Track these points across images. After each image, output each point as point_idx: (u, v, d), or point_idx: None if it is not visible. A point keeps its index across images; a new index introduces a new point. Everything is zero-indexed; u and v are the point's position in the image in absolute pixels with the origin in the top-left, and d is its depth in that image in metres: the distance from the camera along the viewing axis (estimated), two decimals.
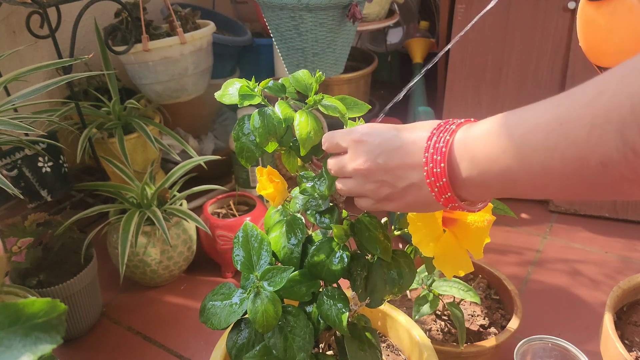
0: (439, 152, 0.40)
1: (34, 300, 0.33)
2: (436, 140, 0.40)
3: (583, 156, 0.32)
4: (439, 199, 0.41)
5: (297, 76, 0.56)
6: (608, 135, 0.30)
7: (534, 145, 0.35)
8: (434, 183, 0.41)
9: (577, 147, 0.32)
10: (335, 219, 0.55)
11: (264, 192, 0.57)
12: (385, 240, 0.55)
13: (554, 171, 0.34)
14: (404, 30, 2.06)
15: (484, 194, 0.41)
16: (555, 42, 1.35)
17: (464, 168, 0.39)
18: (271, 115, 0.53)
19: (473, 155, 0.39)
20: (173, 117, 1.51)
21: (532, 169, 0.35)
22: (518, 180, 0.36)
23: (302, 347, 0.53)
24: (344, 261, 0.54)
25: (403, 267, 0.57)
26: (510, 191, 0.38)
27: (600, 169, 0.31)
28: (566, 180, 0.34)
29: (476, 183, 0.39)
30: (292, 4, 1.05)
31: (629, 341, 0.84)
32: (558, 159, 0.33)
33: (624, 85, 0.30)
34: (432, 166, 0.40)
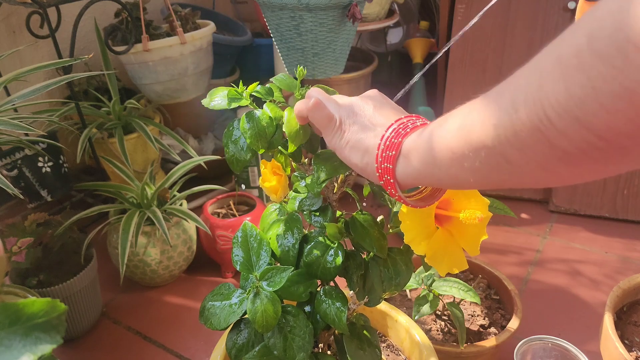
0: (399, 134, 0.43)
1: (34, 300, 0.33)
2: (405, 121, 0.44)
3: (483, 119, 0.34)
4: (379, 166, 0.44)
5: (279, 78, 0.56)
6: (502, 100, 0.33)
7: (465, 122, 0.37)
8: (382, 150, 0.43)
9: (485, 111, 0.34)
10: (329, 217, 0.55)
11: (267, 184, 0.57)
12: (381, 237, 0.55)
13: (466, 139, 0.36)
14: (404, 30, 2.06)
15: (415, 174, 0.42)
16: None
17: (407, 143, 0.42)
18: (260, 117, 0.53)
19: (417, 138, 0.42)
20: (173, 117, 1.51)
21: (450, 141, 0.37)
22: (438, 154, 0.38)
23: (301, 347, 0.53)
24: (339, 259, 0.54)
25: (400, 264, 0.57)
26: (434, 168, 0.40)
27: (492, 131, 0.33)
28: (473, 148, 0.35)
29: (412, 157, 0.42)
30: (292, 4, 1.05)
31: (629, 341, 0.84)
32: (469, 127, 0.35)
33: (534, 59, 0.32)
34: (390, 135, 0.43)
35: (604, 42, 0.26)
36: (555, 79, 0.29)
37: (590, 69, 0.27)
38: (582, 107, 0.27)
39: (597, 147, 0.28)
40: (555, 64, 0.29)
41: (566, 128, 0.29)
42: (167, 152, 1.24)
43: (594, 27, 0.27)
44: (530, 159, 0.32)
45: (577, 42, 0.28)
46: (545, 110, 0.29)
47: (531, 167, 0.33)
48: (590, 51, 0.27)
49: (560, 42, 0.30)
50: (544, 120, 0.30)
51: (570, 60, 0.28)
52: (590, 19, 0.27)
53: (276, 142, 0.54)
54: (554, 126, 0.29)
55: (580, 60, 0.27)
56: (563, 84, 0.28)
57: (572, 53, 0.28)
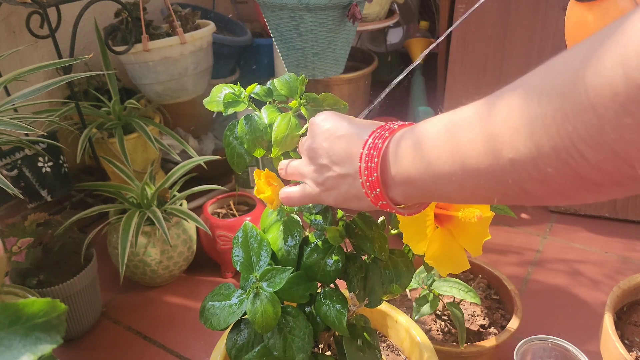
0: (375, 148, 0.41)
1: (34, 300, 0.33)
2: (376, 136, 0.42)
3: (494, 151, 0.32)
4: (369, 195, 0.43)
5: (283, 79, 0.56)
6: (517, 130, 0.30)
7: (456, 140, 0.35)
8: (366, 176, 0.42)
9: (490, 141, 0.32)
10: (329, 220, 0.55)
11: (262, 195, 0.56)
12: (382, 239, 0.55)
13: (471, 167, 0.34)
14: (404, 30, 2.06)
15: (410, 193, 0.42)
16: (555, 42, 1.35)
17: (392, 165, 0.41)
18: (258, 120, 0.53)
19: (402, 153, 0.40)
20: (173, 117, 1.51)
21: (452, 165, 0.35)
22: (440, 178, 0.37)
23: (301, 347, 0.53)
24: (338, 263, 0.54)
25: (400, 266, 0.57)
26: (434, 190, 0.39)
27: (509, 165, 0.31)
28: (482, 178, 0.34)
29: (402, 179, 0.40)
30: (292, 4, 1.05)
31: (629, 341, 0.84)
32: (474, 154, 0.33)
33: (538, 78, 0.30)
34: (367, 160, 0.42)
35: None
36: (583, 110, 0.27)
37: (628, 101, 0.25)
38: (620, 140, 0.26)
39: (633, 177, 0.27)
40: (583, 92, 0.27)
41: (601, 161, 0.27)
42: (167, 152, 1.24)
43: (628, 53, 0.25)
44: (554, 190, 0.31)
45: (607, 70, 0.25)
46: (576, 144, 0.27)
47: (553, 196, 0.32)
48: (627, 82, 0.25)
49: (581, 66, 0.27)
50: (574, 155, 0.28)
51: (603, 90, 0.26)
52: (619, 43, 0.25)
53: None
54: (587, 160, 0.27)
55: (614, 91, 0.25)
56: (594, 115, 0.26)
57: (604, 83, 0.26)
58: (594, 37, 0.27)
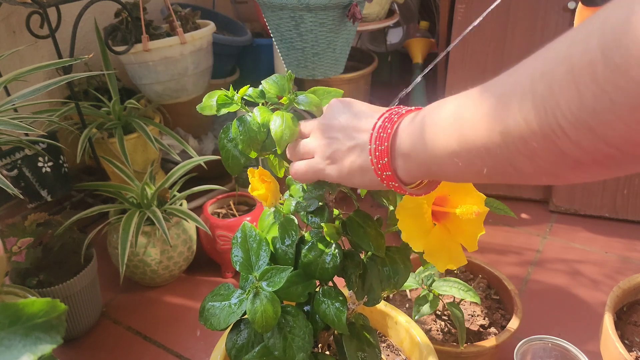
0: (390, 121, 0.43)
1: (34, 300, 0.33)
2: (393, 113, 0.44)
3: (489, 125, 0.34)
4: (375, 164, 0.44)
5: (271, 80, 0.56)
6: (509, 106, 0.32)
7: (459, 118, 0.36)
8: (376, 146, 0.44)
9: (486, 117, 0.34)
10: (326, 218, 0.55)
11: (255, 193, 0.57)
12: (379, 236, 0.55)
13: (467, 142, 0.35)
14: (404, 30, 2.06)
15: (413, 169, 0.43)
16: None
17: (400, 141, 0.43)
18: (251, 121, 0.53)
19: (408, 131, 0.42)
20: (173, 117, 1.51)
21: (448, 141, 0.37)
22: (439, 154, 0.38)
23: (301, 347, 0.53)
24: (336, 259, 0.54)
25: (398, 263, 0.57)
26: (435, 167, 0.40)
27: (499, 138, 0.33)
28: (476, 152, 0.35)
29: (404, 153, 0.42)
30: (292, 4, 1.05)
31: (629, 341, 0.84)
32: (471, 129, 0.35)
33: (533, 59, 0.32)
34: (380, 130, 0.43)
35: (619, 53, 0.25)
36: (567, 87, 0.28)
37: (606, 82, 0.26)
38: (597, 118, 0.27)
39: (611, 156, 0.28)
40: (568, 71, 0.28)
41: (580, 139, 0.28)
42: (167, 152, 1.24)
43: (607, 36, 0.26)
44: (540, 167, 0.32)
45: (590, 51, 0.26)
46: (558, 120, 0.29)
47: (539, 173, 0.33)
48: (605, 62, 0.26)
49: (570, 46, 0.28)
50: (557, 131, 0.29)
51: (584, 69, 0.27)
52: (602, 26, 0.26)
53: (268, 146, 0.54)
54: (568, 137, 0.29)
55: (594, 70, 0.26)
56: (576, 93, 0.27)
57: (586, 62, 0.27)
58: (590, 18, 0.28)
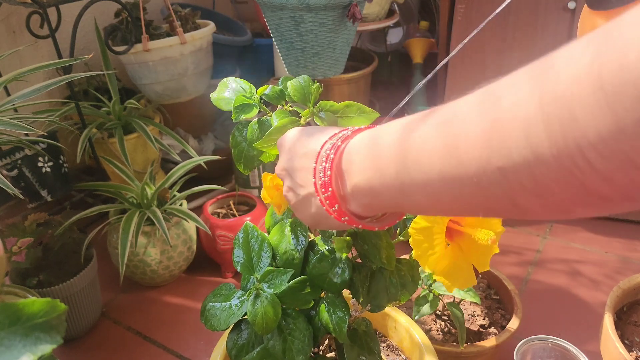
0: (327, 159, 0.36)
1: (34, 300, 0.33)
2: (329, 147, 0.37)
3: (482, 158, 0.27)
4: (330, 211, 0.38)
5: (297, 83, 0.53)
6: (510, 135, 0.26)
7: (431, 146, 0.30)
8: (323, 193, 0.37)
9: (476, 147, 0.27)
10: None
11: (269, 200, 0.55)
12: (389, 247, 0.54)
13: (450, 177, 0.29)
14: (404, 30, 2.06)
15: (374, 205, 0.36)
16: (555, 42, 1.34)
17: (352, 175, 0.35)
18: (270, 125, 0.51)
19: (362, 161, 0.35)
20: (173, 117, 1.51)
21: (427, 173, 0.30)
22: (411, 189, 0.32)
23: (301, 349, 0.53)
24: (345, 274, 0.54)
25: (406, 276, 0.56)
26: (403, 202, 0.33)
27: (498, 175, 0.27)
28: (464, 189, 0.29)
29: (364, 192, 0.35)
30: (292, 4, 1.05)
31: (629, 341, 0.84)
32: (455, 162, 0.28)
33: (535, 77, 0.26)
34: (321, 175, 0.37)
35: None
36: (598, 110, 0.22)
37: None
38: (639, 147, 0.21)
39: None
40: (596, 89, 0.22)
41: (613, 172, 0.23)
42: (167, 152, 1.24)
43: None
44: (550, 204, 0.26)
45: (633, 66, 0.21)
46: (584, 151, 0.23)
47: (548, 211, 0.27)
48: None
49: (595, 58, 0.23)
50: (581, 163, 0.23)
51: (627, 88, 0.21)
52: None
53: None
54: (595, 170, 0.23)
55: (637, 87, 0.21)
56: (612, 117, 0.22)
57: (629, 80, 0.21)
58: (609, 27, 0.23)
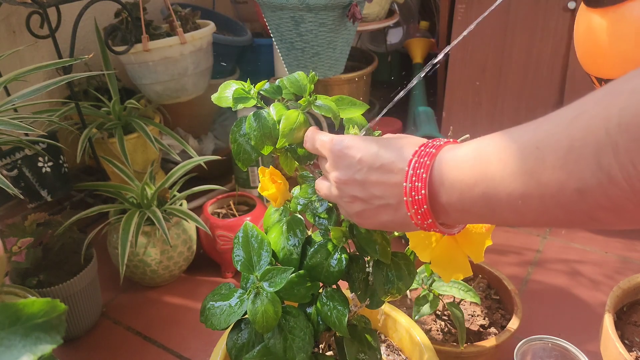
0: (419, 179, 0.39)
1: (34, 300, 0.33)
2: (417, 166, 0.39)
3: (559, 182, 0.31)
4: (419, 224, 0.41)
5: (293, 78, 0.55)
6: (584, 160, 0.29)
7: (510, 169, 0.33)
8: (415, 209, 0.40)
9: (554, 172, 0.31)
10: (334, 220, 0.55)
11: (265, 192, 0.56)
12: (384, 242, 0.55)
13: (532, 197, 0.33)
14: (404, 30, 2.06)
15: (463, 219, 0.41)
16: (555, 42, 1.35)
17: (444, 194, 0.38)
18: (266, 117, 0.52)
19: (452, 181, 0.38)
20: (173, 117, 1.51)
21: (510, 194, 0.34)
22: (497, 206, 0.35)
23: (301, 347, 0.53)
24: (342, 263, 0.54)
25: (402, 269, 0.56)
26: (490, 217, 0.37)
27: (575, 195, 0.30)
28: (545, 208, 0.33)
29: (456, 208, 0.38)
30: (293, 4, 1.05)
31: (629, 341, 0.84)
32: (534, 185, 0.32)
33: (601, 107, 0.29)
34: (413, 194, 0.39)
35: None
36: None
37: None
38: None
39: None
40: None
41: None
42: (167, 152, 1.24)
43: None
44: (626, 219, 0.30)
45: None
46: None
47: (624, 223, 0.31)
48: None
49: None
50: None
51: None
52: None
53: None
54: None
55: None
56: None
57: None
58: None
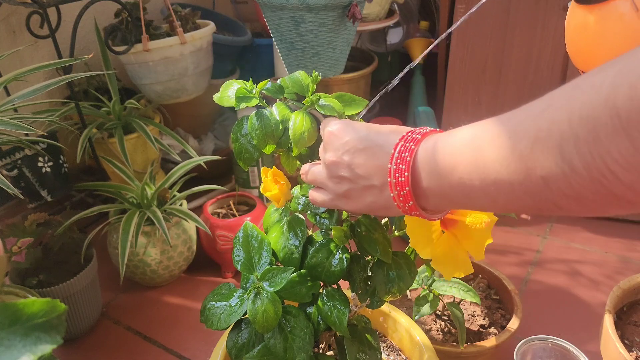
0: (404, 161, 0.41)
1: (34, 300, 0.33)
2: (402, 149, 0.41)
3: (527, 169, 0.32)
4: (400, 206, 0.43)
5: (294, 77, 0.55)
6: (549, 150, 0.31)
7: (486, 156, 0.35)
8: (398, 191, 0.41)
9: (522, 160, 0.33)
10: (335, 220, 0.55)
11: (268, 193, 0.56)
12: (385, 241, 0.55)
13: (503, 183, 0.34)
14: (404, 30, 2.06)
15: (442, 204, 0.42)
16: (555, 42, 1.35)
17: (424, 178, 0.40)
18: (269, 116, 0.52)
19: (433, 166, 0.39)
20: (173, 117, 1.51)
21: (484, 180, 0.36)
22: (471, 192, 0.37)
23: (302, 347, 0.53)
24: (343, 263, 0.54)
25: (403, 268, 0.56)
26: (466, 202, 0.39)
27: (541, 183, 0.32)
28: (514, 194, 0.34)
29: (435, 193, 0.40)
30: (293, 3, 1.05)
31: (629, 341, 0.84)
32: (505, 172, 0.34)
33: (565, 100, 0.31)
34: (397, 175, 0.41)
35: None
36: (616, 135, 0.27)
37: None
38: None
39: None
40: (613, 116, 0.27)
41: (635, 182, 0.28)
42: (167, 152, 1.24)
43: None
44: (587, 206, 0.31)
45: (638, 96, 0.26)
46: (609, 165, 0.28)
47: (586, 211, 0.32)
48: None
49: (611, 88, 0.27)
50: (608, 175, 0.28)
51: (637, 115, 0.26)
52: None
53: (284, 142, 0.53)
54: (620, 181, 0.28)
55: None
56: (629, 141, 0.27)
57: (638, 108, 0.26)
58: (621, 60, 0.28)
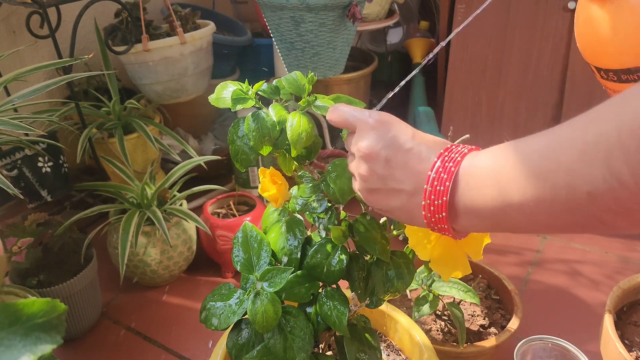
0: (446, 171, 0.39)
1: (34, 300, 0.33)
2: (446, 159, 0.40)
3: (571, 184, 0.32)
4: (427, 217, 0.41)
5: (291, 78, 0.55)
6: (595, 164, 0.30)
7: (525, 172, 0.34)
8: (431, 200, 0.40)
9: (567, 174, 0.32)
10: (333, 220, 0.55)
11: (266, 193, 0.56)
12: (384, 240, 0.55)
13: (544, 200, 0.34)
14: (404, 30, 2.06)
15: (472, 223, 0.41)
16: (555, 42, 1.35)
17: (461, 192, 0.39)
18: (265, 118, 0.52)
19: (473, 180, 0.39)
20: (173, 117, 1.51)
21: (524, 196, 0.35)
22: (509, 209, 0.36)
23: (302, 347, 0.53)
24: (343, 263, 0.54)
25: (402, 267, 0.57)
26: (501, 220, 0.38)
27: (586, 199, 0.31)
28: (555, 211, 0.33)
29: (468, 208, 0.39)
30: (293, 3, 1.05)
31: (629, 341, 0.84)
32: (549, 187, 0.33)
33: (614, 113, 0.30)
34: (436, 184, 0.40)
35: None
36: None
37: None
38: None
39: None
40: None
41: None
42: (167, 152, 1.24)
43: None
44: (636, 222, 0.31)
45: None
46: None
47: (634, 227, 0.31)
48: None
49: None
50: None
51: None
52: None
53: (281, 143, 0.53)
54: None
55: None
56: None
57: None
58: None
